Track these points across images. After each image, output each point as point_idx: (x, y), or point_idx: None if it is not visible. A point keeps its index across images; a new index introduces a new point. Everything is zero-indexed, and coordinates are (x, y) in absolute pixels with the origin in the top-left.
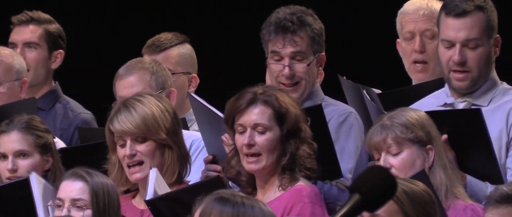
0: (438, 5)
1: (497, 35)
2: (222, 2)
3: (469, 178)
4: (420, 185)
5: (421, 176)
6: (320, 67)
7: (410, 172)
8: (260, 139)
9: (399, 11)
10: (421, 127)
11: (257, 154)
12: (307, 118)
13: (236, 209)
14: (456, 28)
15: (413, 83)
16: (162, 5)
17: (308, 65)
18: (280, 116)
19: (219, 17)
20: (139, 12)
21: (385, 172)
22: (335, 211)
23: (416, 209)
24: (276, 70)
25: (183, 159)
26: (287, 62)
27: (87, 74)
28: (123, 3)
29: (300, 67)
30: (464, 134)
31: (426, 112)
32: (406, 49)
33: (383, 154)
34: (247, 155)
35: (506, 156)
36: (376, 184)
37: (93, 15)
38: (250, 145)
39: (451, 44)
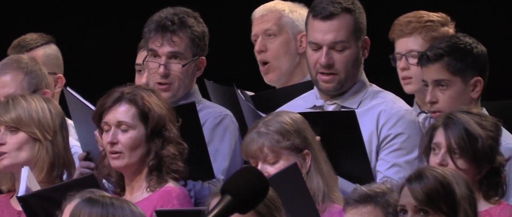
0: (284, 6)
1: (366, 37)
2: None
3: (340, 180)
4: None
5: (292, 170)
6: (198, 71)
7: None
8: (123, 137)
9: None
10: (297, 133)
11: (120, 152)
12: (178, 117)
13: (105, 210)
14: (323, 31)
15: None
16: (29, 6)
17: (184, 66)
18: (144, 115)
19: (86, 18)
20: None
21: (257, 174)
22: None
23: (268, 207)
24: (153, 67)
25: (58, 160)
26: (163, 60)
27: None
28: None
29: (175, 67)
30: (337, 136)
31: (300, 113)
32: (255, 53)
33: (260, 163)
34: (111, 152)
35: (377, 160)
36: (248, 185)
37: None
38: (112, 143)
39: (318, 47)
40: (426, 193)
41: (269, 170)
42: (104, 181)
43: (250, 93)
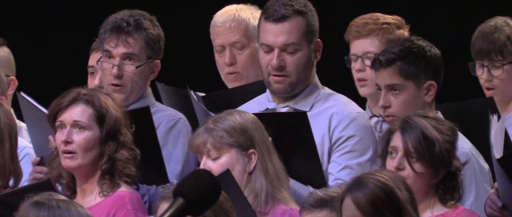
0: (247, 13)
1: (318, 40)
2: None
3: (292, 181)
4: None
5: (226, 176)
6: (152, 74)
7: None
8: (78, 137)
9: (211, 23)
10: (243, 131)
11: (73, 152)
12: (132, 122)
13: (52, 213)
14: (274, 33)
15: None
16: None
17: (137, 67)
18: (100, 117)
19: (38, 21)
20: None
21: (209, 176)
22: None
23: (215, 210)
24: (106, 68)
25: (4, 169)
26: (117, 61)
27: None
28: None
29: (129, 68)
30: (289, 137)
31: (259, 113)
32: (219, 62)
33: (204, 158)
34: (64, 152)
35: (329, 162)
36: (200, 188)
37: None
38: (67, 142)
39: (270, 49)
40: (370, 202)
41: (210, 165)
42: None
43: (201, 94)
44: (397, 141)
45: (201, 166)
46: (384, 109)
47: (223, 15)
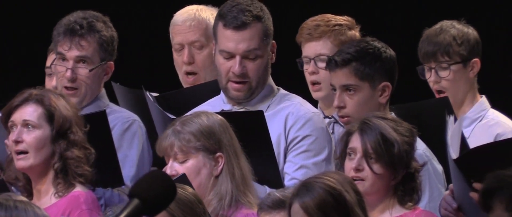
0: (207, 13)
1: (273, 41)
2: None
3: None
4: (188, 190)
5: (182, 181)
6: (106, 75)
7: (195, 181)
8: (28, 136)
9: (171, 22)
10: (210, 135)
11: (25, 152)
12: (87, 124)
13: (9, 213)
14: (235, 40)
15: None
16: None
17: (91, 70)
18: (50, 115)
19: None
20: None
21: (164, 177)
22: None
23: (185, 211)
24: (60, 71)
25: None
26: (70, 64)
27: None
28: None
29: (83, 71)
30: (246, 137)
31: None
32: (177, 61)
33: (171, 161)
34: (16, 152)
35: (285, 162)
36: (155, 189)
37: None
38: (17, 142)
39: (230, 56)
40: (318, 206)
41: (177, 168)
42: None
43: (155, 94)
44: (356, 142)
45: (168, 168)
46: (339, 110)
47: (184, 14)
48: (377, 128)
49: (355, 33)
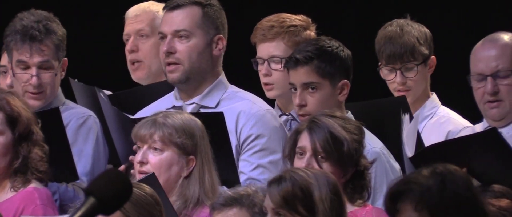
0: (157, 7)
1: (221, 36)
2: None
3: None
4: (145, 189)
5: (151, 180)
6: (63, 72)
7: (164, 175)
8: None
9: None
10: (190, 135)
11: None
12: (41, 122)
13: None
14: (168, 20)
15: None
16: None
17: (56, 74)
18: (12, 120)
19: None
20: None
21: (121, 176)
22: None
23: (140, 213)
24: (24, 79)
25: None
26: (34, 71)
27: None
28: None
29: (47, 76)
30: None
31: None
32: (127, 53)
33: (145, 147)
34: None
35: (238, 160)
36: (111, 187)
37: None
38: None
39: (164, 36)
40: (282, 196)
41: (150, 158)
42: None
43: (108, 93)
44: (305, 141)
45: (139, 156)
46: (300, 108)
47: (135, 8)
48: (326, 127)
49: (311, 33)
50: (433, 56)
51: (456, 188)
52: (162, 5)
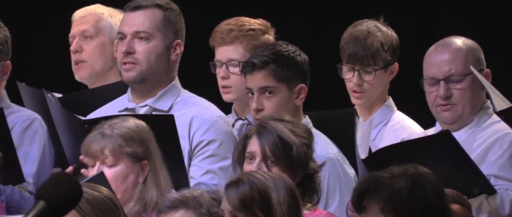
0: (103, 9)
1: (179, 41)
2: None
3: None
4: (104, 192)
5: (100, 179)
6: (5, 75)
7: (122, 186)
8: None
9: None
10: (140, 141)
11: None
12: None
13: None
14: (129, 21)
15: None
16: None
17: None
18: None
19: None
20: None
21: (70, 178)
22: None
23: (97, 214)
24: None
25: None
26: None
27: None
28: None
29: None
30: (157, 141)
31: (115, 115)
32: (71, 53)
33: (97, 164)
34: None
35: (189, 165)
36: (61, 191)
37: None
38: None
39: (124, 36)
40: (239, 199)
41: (106, 172)
42: None
43: (58, 95)
44: (254, 146)
45: (95, 172)
46: (257, 112)
47: (81, 10)
48: (275, 131)
49: (269, 37)
50: (396, 63)
51: (425, 192)
52: (111, 9)
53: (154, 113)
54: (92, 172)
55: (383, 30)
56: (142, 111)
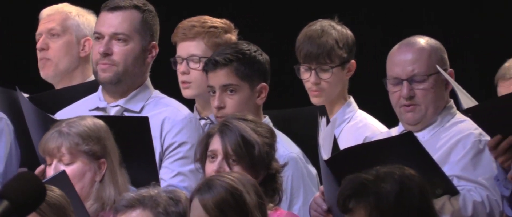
0: (71, 8)
1: (154, 43)
2: None
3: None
4: (56, 191)
5: (61, 178)
6: None
7: (78, 184)
8: None
9: None
10: (97, 139)
11: None
12: None
13: None
14: (107, 21)
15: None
16: None
17: None
18: None
19: None
20: None
21: (34, 179)
22: None
23: (56, 214)
24: None
25: None
26: None
27: None
28: None
29: None
30: (128, 142)
31: (100, 116)
32: (37, 51)
33: (55, 162)
34: None
35: (160, 167)
36: (25, 190)
37: None
38: None
39: (101, 36)
40: (216, 205)
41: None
42: None
43: (26, 95)
44: (216, 144)
45: (52, 169)
46: (218, 110)
47: (48, 8)
48: (237, 130)
49: (231, 36)
50: (353, 60)
51: (412, 197)
52: (80, 9)
53: (125, 113)
54: (49, 170)
55: (337, 28)
56: (113, 111)
